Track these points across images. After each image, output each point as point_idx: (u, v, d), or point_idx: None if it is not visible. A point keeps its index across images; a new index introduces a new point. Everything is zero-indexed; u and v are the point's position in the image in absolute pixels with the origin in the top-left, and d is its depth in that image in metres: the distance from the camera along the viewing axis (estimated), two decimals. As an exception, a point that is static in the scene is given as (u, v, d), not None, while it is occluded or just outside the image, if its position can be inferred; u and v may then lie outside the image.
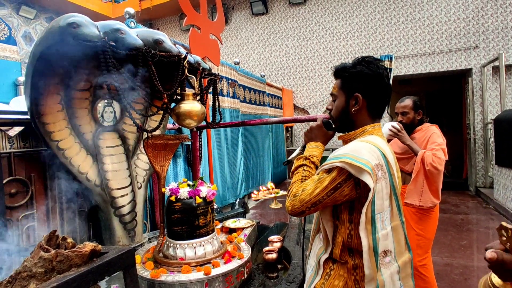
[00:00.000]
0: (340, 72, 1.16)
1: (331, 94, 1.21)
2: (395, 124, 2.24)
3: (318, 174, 1.08)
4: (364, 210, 1.00)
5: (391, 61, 7.17)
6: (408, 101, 2.30)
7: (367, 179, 0.96)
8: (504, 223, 0.57)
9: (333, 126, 1.23)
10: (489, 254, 0.56)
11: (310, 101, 8.52)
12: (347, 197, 1.02)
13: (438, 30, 7.08)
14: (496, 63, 6.17)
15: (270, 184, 1.75)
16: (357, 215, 1.04)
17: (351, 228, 1.06)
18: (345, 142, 1.18)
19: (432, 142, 2.16)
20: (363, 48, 7.82)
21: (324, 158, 1.16)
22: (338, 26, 8.06)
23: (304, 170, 1.15)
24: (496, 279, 0.59)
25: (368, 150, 1.01)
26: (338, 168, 1.00)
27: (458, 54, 6.94)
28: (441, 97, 8.87)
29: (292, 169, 1.21)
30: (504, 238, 0.57)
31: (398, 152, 2.33)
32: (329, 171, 1.04)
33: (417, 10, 7.25)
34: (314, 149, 1.20)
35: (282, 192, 1.58)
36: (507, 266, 0.55)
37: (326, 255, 1.11)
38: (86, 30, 1.40)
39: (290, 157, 1.33)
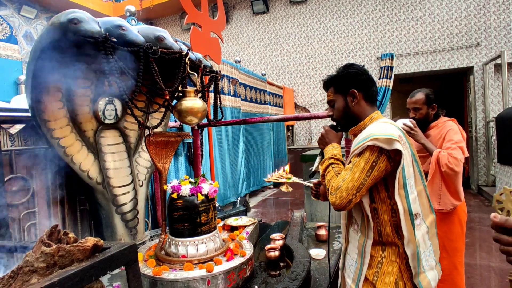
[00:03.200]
0: (330, 81, 1.32)
1: (329, 102, 1.34)
2: (407, 121, 2.05)
3: (350, 162, 1.15)
4: (397, 176, 1.08)
5: (392, 59, 7.14)
6: (419, 95, 2.10)
7: (399, 146, 1.05)
8: (496, 194, 0.59)
9: (339, 128, 1.35)
10: (495, 214, 0.56)
11: (311, 99, 8.51)
12: (384, 172, 1.10)
13: (439, 28, 7.06)
14: (498, 61, 6.14)
15: (286, 168, 1.75)
16: (393, 191, 1.12)
17: (392, 203, 1.13)
18: (355, 135, 1.26)
19: (449, 140, 1.97)
20: (364, 47, 7.80)
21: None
22: (339, 24, 8.04)
23: (333, 168, 1.21)
24: None
25: (388, 126, 1.13)
26: (369, 147, 1.09)
27: (459, 52, 6.91)
28: (443, 95, 8.84)
29: (321, 173, 1.27)
30: (501, 207, 0.57)
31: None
32: (360, 154, 1.11)
33: (419, 8, 7.22)
34: (333, 149, 1.29)
35: (294, 179, 1.61)
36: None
37: (370, 241, 1.17)
38: (87, 26, 1.39)
39: (314, 167, 1.41)
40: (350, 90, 1.24)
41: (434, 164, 1.96)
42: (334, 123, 1.37)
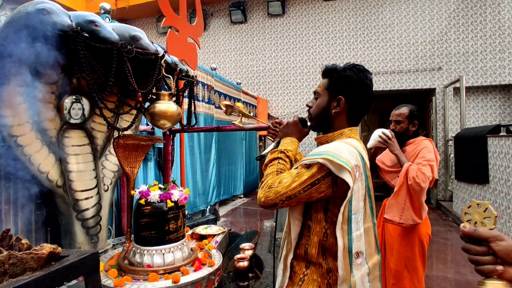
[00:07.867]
0: (329, 72, 1.18)
1: (315, 92, 1.21)
2: (386, 131, 2.06)
3: (296, 168, 1.05)
4: (341, 209, 0.99)
5: (362, 76, 7.47)
6: (404, 109, 2.13)
7: (347, 177, 0.96)
8: (464, 207, 0.60)
9: (309, 123, 1.22)
10: (465, 224, 0.58)
11: (284, 111, 8.64)
12: (322, 194, 1.01)
13: (406, 50, 7.51)
14: (457, 85, 6.62)
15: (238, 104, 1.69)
16: (331, 215, 1.05)
17: (327, 227, 1.06)
18: (321, 143, 1.17)
19: (421, 156, 1.99)
20: (336, 63, 8.05)
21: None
22: (314, 39, 8.30)
23: (279, 163, 1.11)
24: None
25: (348, 150, 1.02)
26: (319, 164, 1.00)
27: (423, 74, 7.38)
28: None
29: (265, 162, 1.17)
30: (468, 218, 0.59)
31: (389, 165, 2.18)
32: (308, 166, 1.02)
33: (388, 31, 7.65)
34: (289, 144, 1.17)
35: (250, 114, 1.53)
36: (481, 236, 0.57)
37: (291, 256, 1.11)
38: (57, 18, 1.31)
39: (264, 152, 1.28)
40: (338, 95, 1.12)
41: (402, 176, 1.98)
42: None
